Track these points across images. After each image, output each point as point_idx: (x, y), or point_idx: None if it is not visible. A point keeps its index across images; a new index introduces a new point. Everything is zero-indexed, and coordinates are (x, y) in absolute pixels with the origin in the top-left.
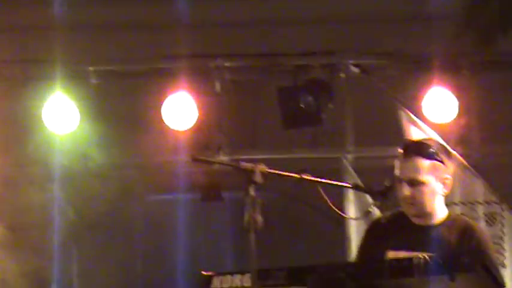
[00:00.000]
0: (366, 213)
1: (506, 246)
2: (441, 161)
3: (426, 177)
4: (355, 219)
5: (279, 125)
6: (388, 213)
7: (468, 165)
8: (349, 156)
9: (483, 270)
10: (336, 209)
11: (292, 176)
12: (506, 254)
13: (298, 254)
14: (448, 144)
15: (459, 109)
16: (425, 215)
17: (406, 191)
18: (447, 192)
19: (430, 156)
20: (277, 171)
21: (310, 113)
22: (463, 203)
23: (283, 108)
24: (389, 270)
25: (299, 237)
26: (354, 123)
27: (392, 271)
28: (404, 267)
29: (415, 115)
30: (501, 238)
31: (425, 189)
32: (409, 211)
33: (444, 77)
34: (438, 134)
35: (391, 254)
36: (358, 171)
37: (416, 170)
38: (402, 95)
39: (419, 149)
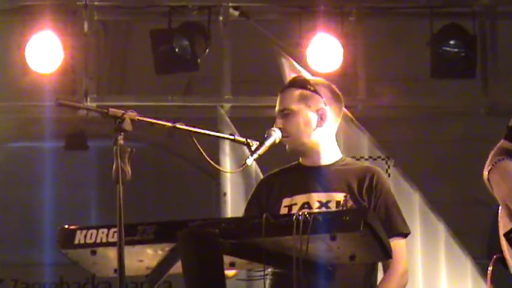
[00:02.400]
0: (242, 166)
1: None
2: (315, 91)
3: (296, 106)
4: (231, 172)
5: (151, 70)
6: (284, 166)
7: (352, 118)
8: (226, 106)
9: (366, 229)
10: (210, 162)
11: (164, 125)
12: None
13: (170, 209)
14: None
15: (344, 58)
16: (307, 151)
17: (279, 123)
18: (326, 126)
19: (300, 86)
20: (148, 119)
21: (185, 58)
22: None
23: (156, 52)
24: (266, 228)
25: (171, 191)
26: (231, 70)
27: (270, 228)
28: (282, 225)
29: (298, 63)
30: None
31: (296, 119)
32: (288, 147)
33: (329, 24)
34: None
35: (287, 201)
36: (235, 122)
37: (286, 99)
38: (285, 42)
39: (293, 80)
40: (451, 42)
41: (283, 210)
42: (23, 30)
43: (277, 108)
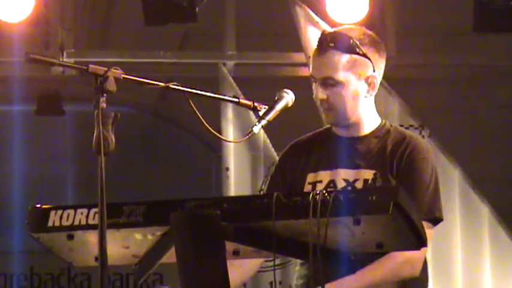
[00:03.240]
0: (248, 135)
1: None
2: (364, 55)
3: (344, 76)
4: (235, 142)
5: (139, 20)
6: (314, 131)
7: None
8: (229, 63)
9: (397, 211)
10: (210, 129)
11: (155, 85)
12: None
13: (162, 186)
14: None
15: (370, 6)
16: (349, 123)
17: (321, 93)
18: (373, 94)
19: (348, 49)
20: (136, 78)
21: (180, 5)
22: None
23: None
24: (277, 209)
25: (163, 165)
26: (235, 21)
27: (281, 210)
28: (297, 206)
29: (315, 12)
30: None
31: (344, 91)
32: (328, 119)
33: None
34: None
35: (311, 177)
36: (240, 82)
37: (331, 66)
38: None
39: (336, 40)
40: None
41: (307, 188)
42: None
43: (315, 72)
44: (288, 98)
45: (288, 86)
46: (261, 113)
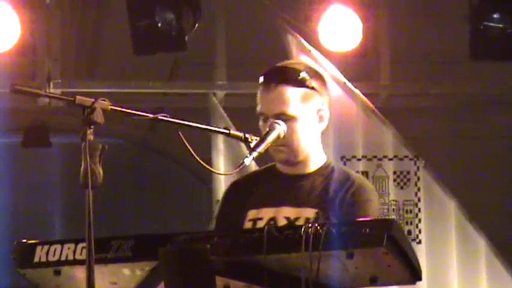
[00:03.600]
0: (239, 167)
1: (421, 215)
2: (313, 88)
3: (296, 110)
4: (225, 174)
5: (128, 49)
6: (256, 169)
7: (374, 109)
8: (220, 93)
9: (391, 245)
10: (201, 161)
11: (144, 116)
12: (422, 226)
13: (151, 220)
14: (349, 80)
15: (364, 34)
16: (298, 160)
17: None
18: (324, 128)
19: (298, 83)
20: (124, 110)
21: (169, 34)
22: (366, 158)
23: (135, 28)
24: (269, 243)
25: (152, 198)
26: (226, 51)
27: (273, 243)
28: (288, 239)
29: (307, 41)
30: (415, 204)
31: (298, 126)
32: (278, 156)
33: None
34: (336, 66)
35: (252, 214)
36: (231, 113)
37: (283, 102)
38: (292, 15)
39: (285, 75)
40: (495, 16)
41: (247, 225)
42: None
43: (266, 109)
44: (280, 129)
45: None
46: (252, 145)
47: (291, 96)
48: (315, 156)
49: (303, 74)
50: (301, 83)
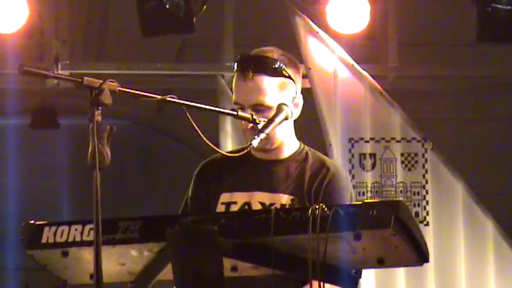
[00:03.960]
0: (247, 148)
1: (429, 197)
2: (289, 77)
3: (273, 100)
4: (233, 155)
5: (136, 31)
6: (229, 151)
7: (382, 91)
8: (228, 75)
9: (398, 226)
10: (208, 143)
11: (152, 98)
12: (429, 208)
13: (158, 201)
14: (357, 62)
15: (372, 17)
16: (273, 148)
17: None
18: (297, 116)
19: (275, 73)
20: (132, 91)
21: (177, 16)
22: (374, 140)
23: (142, 9)
24: (276, 224)
25: (160, 180)
26: (234, 32)
27: (280, 225)
28: (296, 221)
29: (315, 23)
30: (423, 186)
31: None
32: (254, 145)
33: None
34: (344, 48)
35: (225, 198)
36: None
37: (260, 92)
38: None
39: (261, 64)
40: None
41: (220, 208)
42: None
43: (243, 100)
44: (288, 110)
45: None
46: (260, 126)
47: (267, 87)
48: (288, 143)
49: (279, 63)
50: (278, 73)
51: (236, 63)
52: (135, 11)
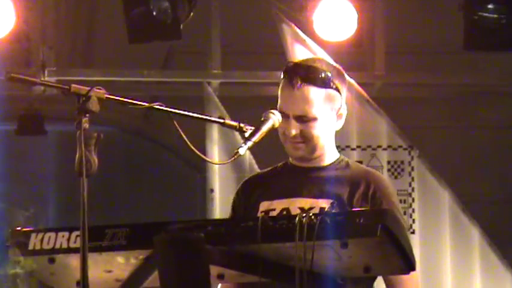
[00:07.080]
0: (233, 157)
1: (415, 205)
2: (336, 89)
3: (319, 111)
4: (220, 164)
5: (123, 38)
6: (270, 167)
7: (369, 98)
8: (214, 82)
9: (385, 234)
10: (195, 150)
11: (139, 105)
12: (416, 216)
13: (145, 208)
14: (344, 70)
15: (359, 24)
16: (314, 157)
17: (295, 129)
18: (339, 128)
19: (323, 84)
20: (120, 98)
21: (164, 23)
22: (361, 148)
23: (129, 16)
24: (263, 232)
25: (146, 186)
26: (221, 39)
27: (267, 233)
28: (283, 229)
29: (302, 31)
30: (409, 194)
31: (318, 125)
32: (296, 153)
33: None
34: (331, 55)
35: (264, 206)
36: (225, 102)
37: (308, 102)
38: (287, 4)
39: (310, 74)
40: (489, 6)
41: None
42: None
43: (289, 108)
44: (275, 118)
45: (274, 106)
46: (247, 134)
47: (314, 98)
48: (329, 153)
49: (328, 75)
50: (326, 84)
51: (284, 71)
52: (122, 18)
